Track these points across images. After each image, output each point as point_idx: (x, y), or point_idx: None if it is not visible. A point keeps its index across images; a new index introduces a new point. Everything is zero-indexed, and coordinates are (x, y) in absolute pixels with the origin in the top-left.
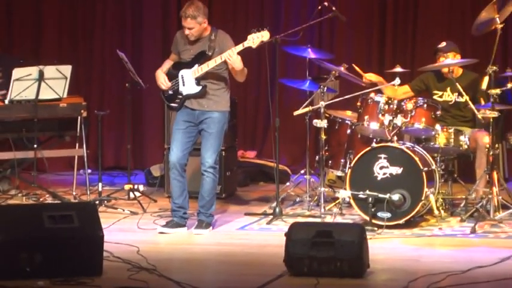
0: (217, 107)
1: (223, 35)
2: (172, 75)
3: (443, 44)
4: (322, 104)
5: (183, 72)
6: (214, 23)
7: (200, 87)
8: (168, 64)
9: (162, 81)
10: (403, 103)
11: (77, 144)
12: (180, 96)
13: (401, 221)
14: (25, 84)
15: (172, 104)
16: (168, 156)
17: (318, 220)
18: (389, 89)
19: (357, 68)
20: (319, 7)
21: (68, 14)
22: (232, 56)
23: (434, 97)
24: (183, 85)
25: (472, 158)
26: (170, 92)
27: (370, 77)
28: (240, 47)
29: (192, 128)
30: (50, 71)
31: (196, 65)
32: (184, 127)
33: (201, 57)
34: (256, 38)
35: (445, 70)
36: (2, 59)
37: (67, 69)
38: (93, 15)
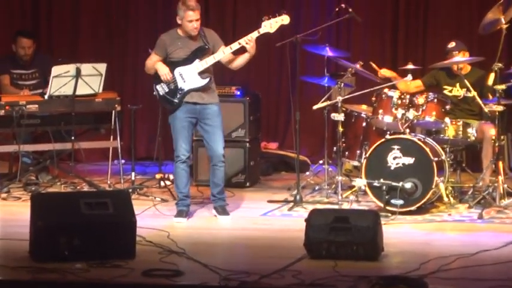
0: (214, 99)
1: (209, 31)
2: None
3: (453, 44)
4: (340, 98)
5: (180, 70)
6: (239, 24)
7: (207, 80)
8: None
9: (167, 71)
10: (414, 98)
11: (112, 136)
12: (181, 92)
13: (413, 208)
14: (63, 80)
15: (175, 100)
16: (196, 148)
17: (336, 207)
18: (403, 84)
19: (373, 65)
20: (337, 9)
21: (103, 15)
22: (251, 41)
23: (444, 92)
24: (184, 81)
25: (479, 149)
26: (167, 90)
27: (385, 72)
28: (255, 34)
29: (192, 123)
30: (86, 68)
31: (197, 60)
32: (187, 123)
33: (200, 52)
34: (275, 23)
35: (455, 67)
36: (41, 60)
37: (102, 67)
38: (127, 16)
